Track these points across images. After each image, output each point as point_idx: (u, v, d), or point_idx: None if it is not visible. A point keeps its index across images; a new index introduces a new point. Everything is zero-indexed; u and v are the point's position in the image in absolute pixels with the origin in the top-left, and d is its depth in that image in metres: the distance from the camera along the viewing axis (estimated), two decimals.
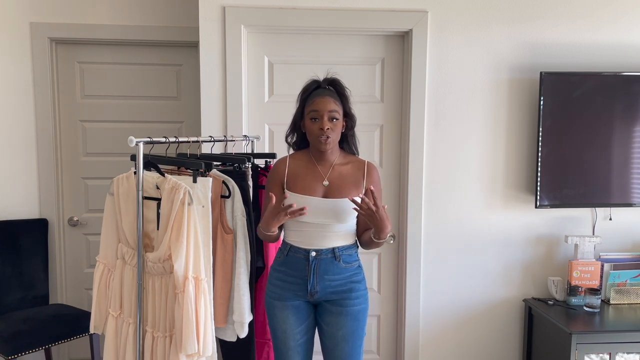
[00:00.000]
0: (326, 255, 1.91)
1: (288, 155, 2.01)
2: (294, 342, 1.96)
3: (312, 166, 1.94)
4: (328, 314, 1.95)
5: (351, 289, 1.93)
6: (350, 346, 1.93)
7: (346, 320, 1.92)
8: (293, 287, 1.93)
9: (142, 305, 1.81)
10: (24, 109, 2.90)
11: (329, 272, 1.91)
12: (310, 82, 1.95)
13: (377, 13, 2.56)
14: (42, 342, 2.52)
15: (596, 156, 2.65)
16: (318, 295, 1.92)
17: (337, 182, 1.91)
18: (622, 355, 2.41)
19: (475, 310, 2.79)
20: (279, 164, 1.98)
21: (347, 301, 1.93)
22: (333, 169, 1.93)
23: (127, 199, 1.84)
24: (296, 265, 1.93)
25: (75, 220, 3.07)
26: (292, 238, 1.96)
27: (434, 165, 2.68)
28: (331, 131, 1.85)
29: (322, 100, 1.86)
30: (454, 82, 2.65)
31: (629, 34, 2.68)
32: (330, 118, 1.85)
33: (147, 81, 3.05)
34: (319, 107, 1.85)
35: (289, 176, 1.94)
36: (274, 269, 2.00)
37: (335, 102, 1.88)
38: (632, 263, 2.71)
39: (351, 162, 1.97)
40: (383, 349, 2.87)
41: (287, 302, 1.94)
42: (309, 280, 1.91)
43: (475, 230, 2.74)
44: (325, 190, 1.91)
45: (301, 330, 1.96)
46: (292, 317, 1.94)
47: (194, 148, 2.11)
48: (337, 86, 1.94)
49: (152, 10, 2.93)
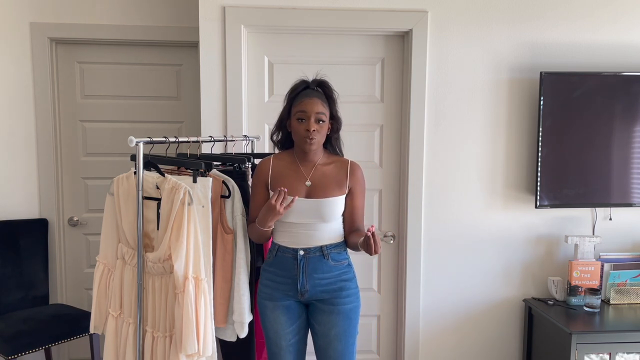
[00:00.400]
0: (314, 254, 1.91)
1: (272, 155, 2.02)
2: (286, 342, 1.96)
3: (295, 166, 1.95)
4: (320, 313, 1.95)
5: (341, 287, 1.94)
6: (343, 345, 1.94)
7: (338, 319, 1.93)
8: (283, 287, 1.94)
9: (142, 305, 1.81)
10: (24, 109, 2.90)
11: (318, 270, 1.92)
12: (299, 82, 1.95)
13: (377, 13, 2.56)
14: (42, 342, 2.52)
15: (596, 156, 2.65)
16: (308, 294, 1.93)
17: (320, 182, 1.92)
18: (622, 355, 2.41)
19: (475, 310, 2.79)
20: (263, 164, 1.98)
21: (338, 300, 1.93)
22: (316, 169, 1.94)
23: (127, 199, 1.84)
24: (285, 265, 1.93)
25: (75, 220, 3.07)
26: (280, 238, 1.96)
27: (434, 165, 2.68)
28: (317, 133, 1.86)
29: (310, 101, 1.86)
30: (454, 82, 2.65)
31: (629, 34, 2.68)
32: (317, 120, 1.86)
33: (147, 81, 3.05)
34: (306, 108, 1.85)
35: (273, 176, 1.95)
36: (264, 270, 2.01)
37: (323, 104, 1.88)
38: (632, 263, 2.71)
39: (334, 162, 1.98)
40: (383, 349, 2.87)
41: (278, 302, 1.95)
42: (299, 279, 1.91)
43: (475, 230, 2.74)
44: (308, 190, 1.92)
45: (293, 330, 1.97)
46: (283, 317, 1.95)
47: (194, 148, 2.11)
48: (326, 88, 1.95)
49: (152, 11, 2.93)
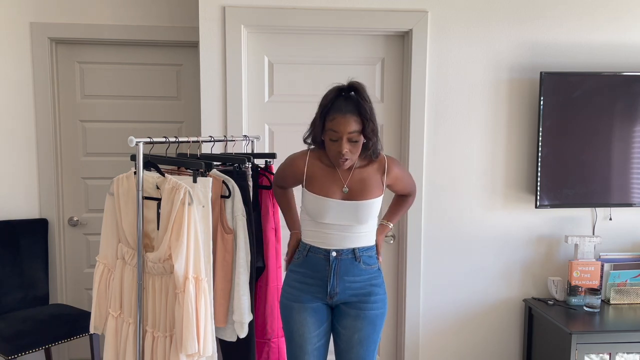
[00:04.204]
0: (347, 256, 1.88)
1: (308, 150, 1.94)
2: (311, 346, 1.91)
3: (332, 169, 1.89)
4: (346, 317, 1.91)
5: (370, 292, 1.91)
6: (364, 350, 1.90)
7: (363, 324, 1.89)
8: (313, 288, 1.90)
9: (142, 305, 1.81)
10: (24, 109, 2.90)
11: (349, 273, 1.88)
12: (332, 88, 1.81)
13: (377, 13, 2.56)
14: (42, 342, 2.52)
15: (596, 156, 2.65)
16: (338, 297, 1.89)
17: (358, 187, 1.87)
18: (622, 355, 2.41)
19: (475, 310, 2.79)
20: (298, 160, 1.92)
21: (365, 305, 1.90)
22: (353, 174, 1.88)
23: (127, 199, 1.84)
24: (316, 266, 1.89)
25: (75, 220, 3.07)
26: (311, 238, 1.92)
27: (434, 165, 2.68)
28: (350, 153, 1.79)
29: (342, 120, 1.75)
30: (454, 82, 2.65)
31: (628, 34, 2.68)
32: (350, 139, 1.77)
33: (147, 81, 3.05)
34: (338, 128, 1.75)
35: (308, 175, 1.90)
36: (292, 271, 1.97)
37: (356, 120, 1.76)
38: (632, 263, 2.71)
39: (371, 162, 1.91)
40: (383, 349, 2.87)
41: (305, 304, 1.90)
42: (329, 281, 1.88)
43: (475, 230, 2.74)
44: (345, 194, 1.87)
45: (319, 334, 1.92)
46: (311, 320, 1.90)
47: (194, 148, 2.11)
48: (360, 93, 1.80)
49: (152, 10, 2.93)
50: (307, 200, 1.90)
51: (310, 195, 1.88)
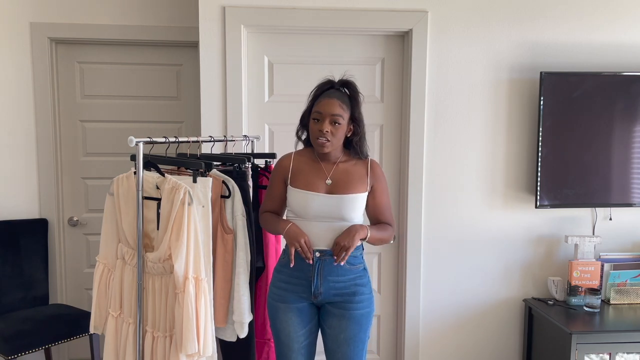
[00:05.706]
0: (330, 256, 1.89)
1: (293, 151, 2.01)
2: (298, 345, 1.95)
3: (316, 163, 1.94)
4: (331, 317, 1.93)
5: (355, 292, 1.92)
6: (352, 349, 1.92)
7: (348, 323, 1.91)
8: (297, 288, 1.92)
9: (142, 305, 1.81)
10: (24, 109, 2.89)
11: (333, 273, 1.90)
12: (324, 81, 1.92)
13: (377, 13, 2.56)
14: (42, 342, 2.52)
15: (596, 156, 2.65)
16: (322, 296, 1.91)
17: (342, 179, 1.91)
18: (622, 355, 2.41)
19: (475, 310, 2.79)
20: (284, 160, 1.98)
21: (350, 304, 1.91)
22: (337, 166, 1.93)
23: (127, 199, 1.84)
24: (300, 267, 1.91)
25: (75, 220, 3.07)
26: None
27: (434, 165, 2.68)
28: (330, 134, 1.83)
29: (328, 102, 1.84)
30: (454, 82, 2.65)
31: (628, 34, 2.68)
32: (332, 121, 1.83)
33: (147, 81, 3.05)
34: (322, 109, 1.84)
35: (293, 172, 1.94)
36: (277, 271, 1.99)
37: (342, 105, 1.84)
38: (632, 263, 2.71)
39: (355, 160, 1.96)
40: (383, 349, 2.87)
41: (290, 305, 1.93)
42: (313, 281, 1.90)
43: (475, 230, 2.74)
44: (329, 188, 1.90)
45: (305, 333, 1.95)
46: (296, 320, 1.93)
47: (194, 148, 2.11)
48: (351, 89, 1.91)
49: (152, 10, 2.93)
50: (292, 197, 1.92)
51: (294, 192, 1.91)
